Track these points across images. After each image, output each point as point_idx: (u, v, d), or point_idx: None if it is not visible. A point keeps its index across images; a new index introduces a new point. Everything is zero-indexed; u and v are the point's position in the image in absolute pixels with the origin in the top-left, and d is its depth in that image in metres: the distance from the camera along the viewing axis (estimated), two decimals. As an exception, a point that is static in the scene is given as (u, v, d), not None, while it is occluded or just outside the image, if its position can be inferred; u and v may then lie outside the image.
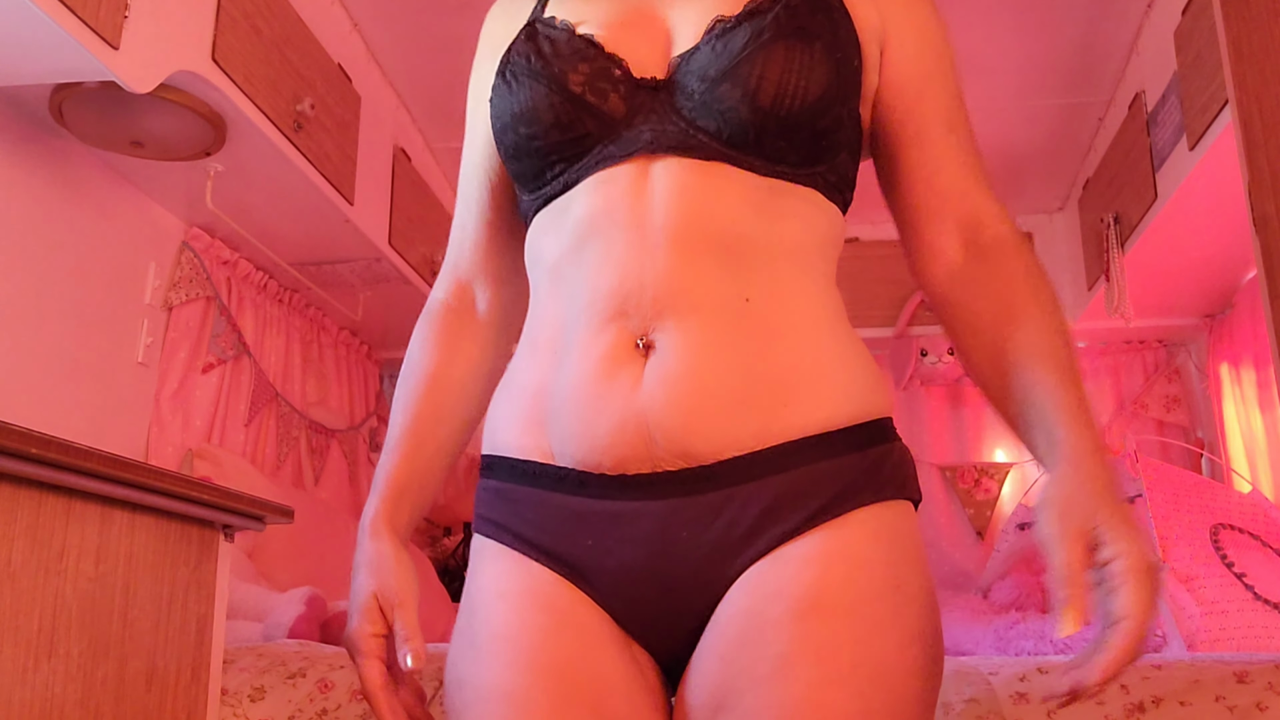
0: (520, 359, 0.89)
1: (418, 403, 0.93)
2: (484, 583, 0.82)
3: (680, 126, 0.81)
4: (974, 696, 1.33)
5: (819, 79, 0.80)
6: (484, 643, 0.78)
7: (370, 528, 0.87)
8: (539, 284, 0.89)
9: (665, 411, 0.76)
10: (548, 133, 0.83)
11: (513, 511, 0.83)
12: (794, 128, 0.80)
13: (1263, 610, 2.13)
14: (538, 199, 0.88)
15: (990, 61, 2.69)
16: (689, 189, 0.80)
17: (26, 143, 1.89)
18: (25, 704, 0.88)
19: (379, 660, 0.81)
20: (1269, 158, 1.28)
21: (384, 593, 0.83)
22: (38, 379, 1.90)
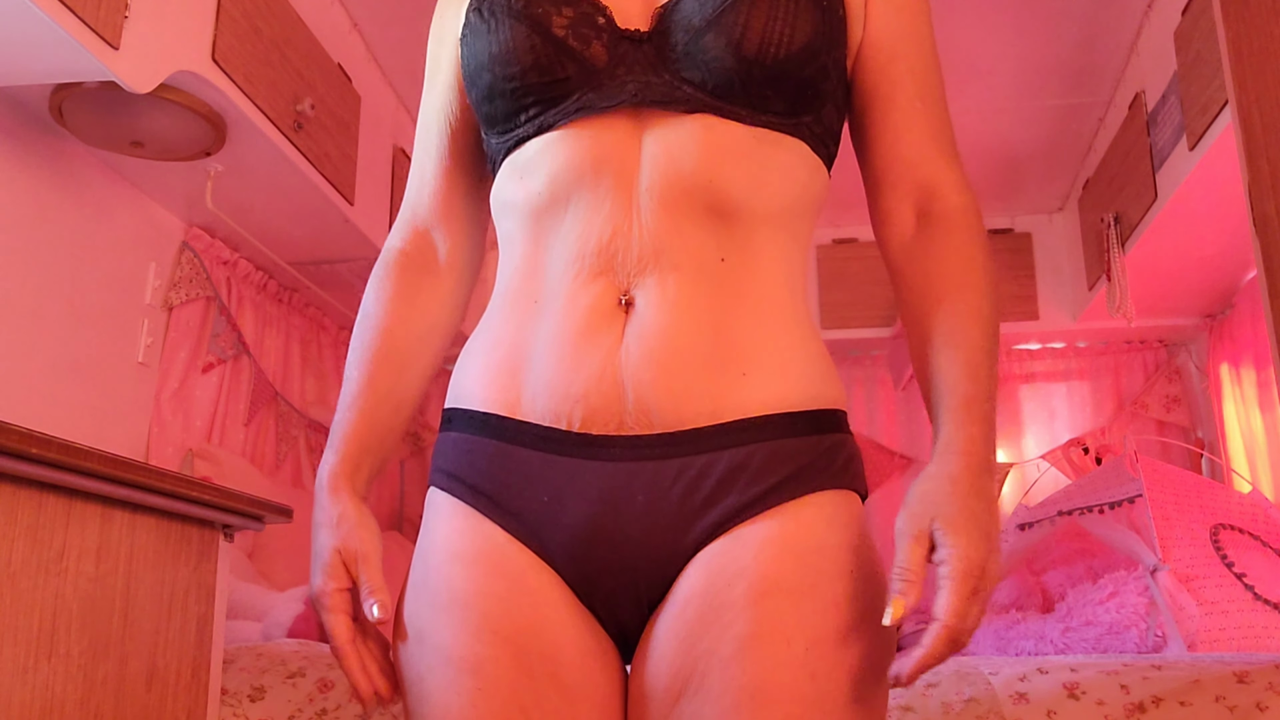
0: (495, 310, 0.87)
1: (376, 357, 0.90)
2: (439, 539, 0.81)
3: (665, 79, 0.80)
4: (974, 696, 1.33)
5: (804, 26, 0.79)
6: (444, 604, 0.78)
7: (330, 486, 0.85)
8: (512, 232, 0.86)
9: (640, 373, 0.76)
10: (525, 74, 0.81)
11: (470, 464, 0.82)
12: (780, 76, 0.79)
13: (1263, 610, 2.13)
14: (509, 140, 0.85)
15: (990, 61, 2.69)
16: (676, 145, 0.79)
17: (26, 143, 1.89)
18: (25, 704, 0.88)
19: (346, 615, 0.81)
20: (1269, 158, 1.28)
21: (347, 548, 0.82)
22: (38, 379, 1.90)
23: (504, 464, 0.80)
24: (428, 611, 0.79)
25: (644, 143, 0.80)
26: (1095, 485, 2.60)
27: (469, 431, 0.83)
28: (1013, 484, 3.48)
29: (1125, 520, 2.37)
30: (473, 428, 0.83)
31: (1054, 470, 3.43)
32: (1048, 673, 1.36)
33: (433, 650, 0.77)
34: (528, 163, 0.83)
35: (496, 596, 0.77)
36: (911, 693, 1.36)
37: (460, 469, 0.82)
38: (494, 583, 0.77)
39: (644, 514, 0.76)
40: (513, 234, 0.86)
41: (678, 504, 0.76)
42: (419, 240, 0.96)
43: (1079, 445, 3.47)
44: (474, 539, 0.79)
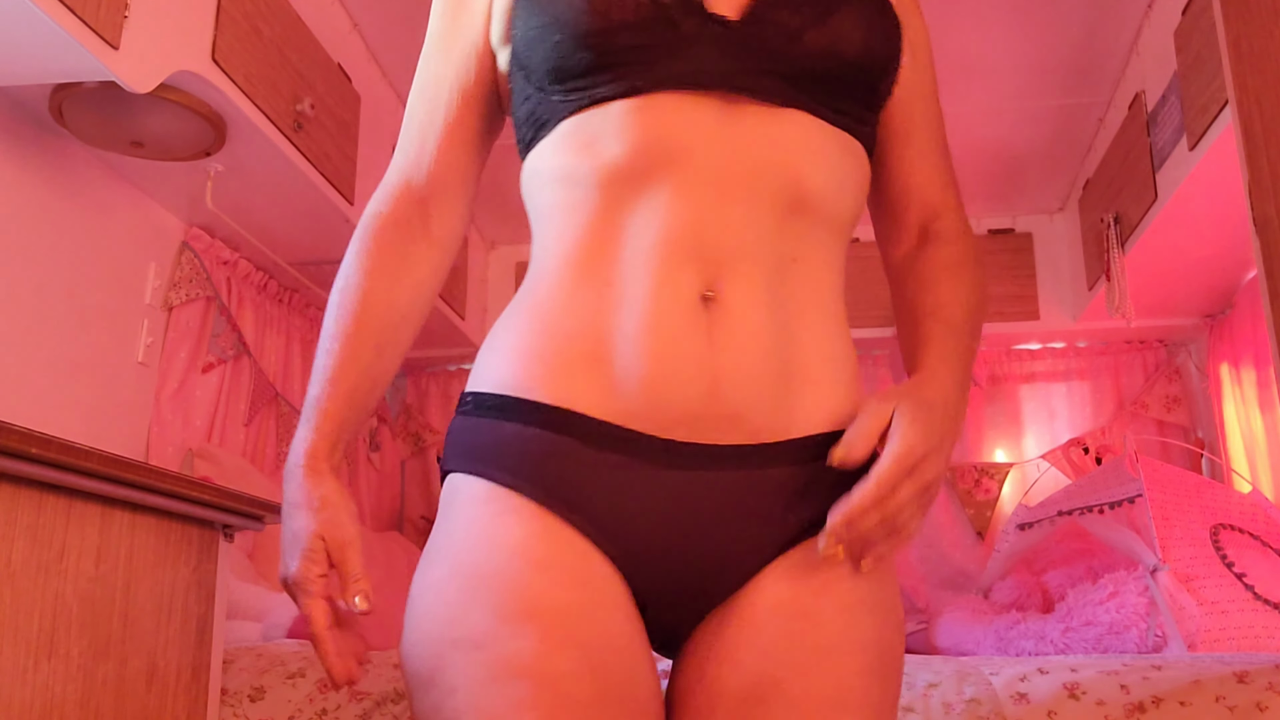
0: (553, 288, 0.80)
1: (360, 330, 0.85)
2: (506, 540, 0.74)
3: (755, 68, 0.79)
4: (974, 696, 1.33)
5: (891, 38, 0.85)
6: (515, 613, 0.71)
7: (308, 466, 0.81)
8: (572, 201, 0.81)
9: (729, 382, 0.76)
10: (620, 31, 0.77)
11: (540, 463, 0.76)
12: (868, 81, 0.84)
13: (1263, 610, 2.13)
14: (579, 99, 0.80)
15: (990, 61, 2.69)
16: (766, 138, 0.79)
17: (26, 143, 1.89)
18: (25, 704, 0.88)
19: (326, 600, 0.78)
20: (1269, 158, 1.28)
21: (330, 534, 0.78)
22: (38, 379, 1.90)
23: (581, 466, 0.75)
24: (488, 618, 0.71)
25: (734, 130, 0.78)
26: (1095, 485, 2.60)
27: (536, 425, 0.77)
28: (1013, 484, 3.48)
29: (1125, 520, 2.37)
30: (541, 422, 0.77)
31: (1054, 470, 3.43)
32: (1048, 673, 1.36)
33: (495, 660, 0.70)
34: (605, 127, 0.78)
35: (579, 608, 0.72)
36: (912, 693, 1.36)
37: (527, 466, 0.76)
38: (575, 594, 0.73)
39: (719, 525, 0.77)
40: (572, 203, 0.81)
41: (755, 517, 0.77)
42: (410, 208, 0.90)
43: (1079, 445, 3.47)
44: (552, 544, 0.74)
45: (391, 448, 3.61)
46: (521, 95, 0.85)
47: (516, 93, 0.86)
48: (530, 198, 0.86)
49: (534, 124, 0.84)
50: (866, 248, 4.12)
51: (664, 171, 0.77)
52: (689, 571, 0.77)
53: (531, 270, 0.84)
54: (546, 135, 0.82)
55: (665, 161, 0.77)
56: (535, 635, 0.70)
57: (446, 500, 0.81)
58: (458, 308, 3.30)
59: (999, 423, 3.58)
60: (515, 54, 0.84)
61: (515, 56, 0.85)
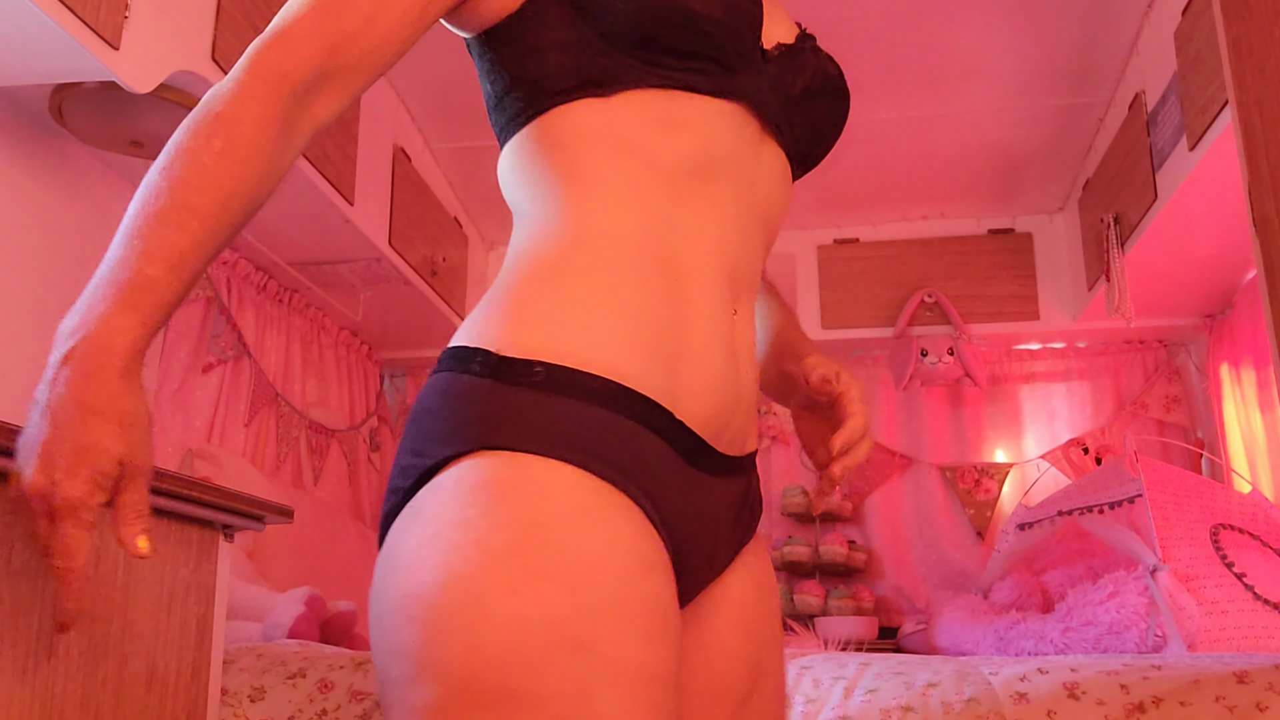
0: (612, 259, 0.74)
1: (224, 214, 0.71)
2: (619, 540, 0.67)
3: (781, 110, 0.84)
4: (974, 696, 1.33)
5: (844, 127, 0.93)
6: (633, 615, 0.64)
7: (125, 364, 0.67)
8: (646, 176, 0.76)
9: (748, 397, 0.82)
10: (726, 31, 0.77)
11: (634, 458, 0.71)
12: (818, 161, 0.92)
13: (1263, 610, 2.13)
14: (667, 78, 0.76)
15: (990, 62, 2.69)
16: (774, 174, 0.84)
17: (26, 143, 1.89)
18: (25, 704, 0.88)
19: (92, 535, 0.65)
20: (1269, 158, 1.28)
21: (132, 459, 0.66)
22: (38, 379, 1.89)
23: (666, 469, 0.73)
24: (600, 620, 0.63)
25: (759, 159, 0.82)
26: (1095, 485, 2.60)
27: (628, 416, 0.71)
28: (1013, 484, 3.48)
29: (1125, 520, 2.37)
30: (633, 413, 0.71)
31: (1054, 470, 3.43)
32: (1048, 673, 1.36)
33: (612, 664, 0.62)
34: (684, 115, 0.77)
35: (675, 609, 0.69)
36: (912, 693, 1.36)
37: (630, 463, 0.70)
38: (670, 594, 0.70)
39: (717, 526, 0.80)
40: (638, 181, 0.76)
41: (739, 521, 0.83)
42: (322, 76, 0.74)
43: (1079, 445, 3.47)
44: (651, 545, 0.69)
45: (392, 448, 3.60)
46: (562, 36, 0.77)
47: (549, 28, 0.78)
48: (575, 150, 0.77)
49: (583, 74, 0.77)
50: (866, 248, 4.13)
51: (719, 178, 0.78)
52: (699, 566, 0.80)
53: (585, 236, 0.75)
54: (608, 95, 0.76)
55: (723, 169, 0.79)
56: (657, 639, 0.65)
57: (509, 482, 0.67)
58: (457, 308, 3.30)
59: (999, 423, 3.58)
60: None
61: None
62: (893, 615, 3.39)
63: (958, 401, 3.60)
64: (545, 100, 0.78)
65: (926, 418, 3.58)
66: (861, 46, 2.61)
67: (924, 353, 3.36)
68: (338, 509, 2.99)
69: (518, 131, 0.81)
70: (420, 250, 2.92)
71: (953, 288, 3.45)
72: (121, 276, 0.68)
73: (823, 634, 3.06)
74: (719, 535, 0.80)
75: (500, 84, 0.82)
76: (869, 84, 2.76)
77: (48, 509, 0.65)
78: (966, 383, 3.40)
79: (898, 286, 3.47)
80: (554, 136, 0.78)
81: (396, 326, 3.30)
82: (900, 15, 2.51)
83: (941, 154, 3.15)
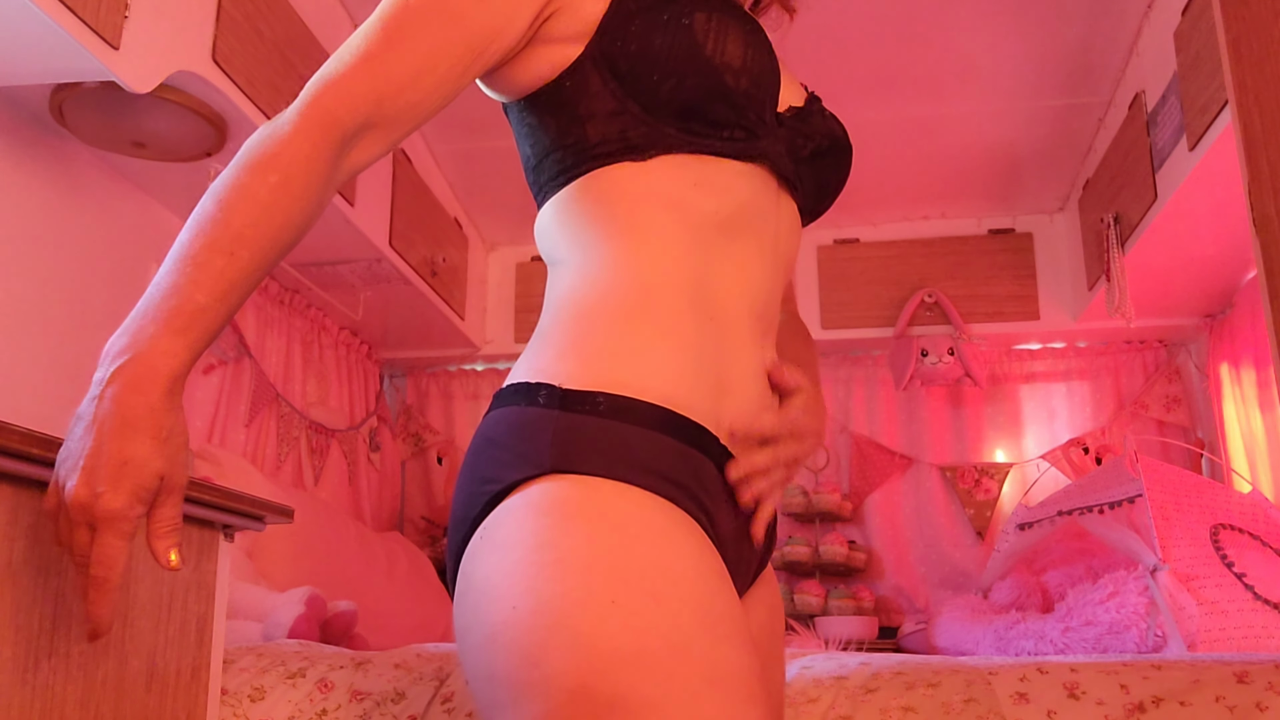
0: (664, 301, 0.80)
1: (271, 249, 0.74)
2: (691, 553, 0.72)
3: (794, 168, 0.90)
4: (974, 696, 1.33)
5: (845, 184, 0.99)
6: (721, 621, 0.69)
7: (168, 386, 0.68)
8: (685, 229, 0.82)
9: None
10: (756, 104, 0.85)
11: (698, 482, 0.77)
12: (822, 213, 0.98)
13: (1263, 610, 2.13)
14: (695, 145, 0.83)
15: (990, 62, 2.69)
16: (791, 234, 0.91)
17: (26, 143, 1.89)
18: (25, 704, 0.88)
19: (129, 545, 0.68)
20: (1269, 158, 1.28)
21: (171, 474, 0.69)
22: (38, 379, 1.90)
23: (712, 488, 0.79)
24: (689, 626, 0.67)
25: (778, 215, 0.89)
26: (1095, 485, 2.60)
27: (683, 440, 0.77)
28: (1013, 484, 3.48)
29: (1125, 520, 2.37)
30: (687, 437, 0.77)
31: (1054, 470, 3.43)
32: (1048, 673, 1.36)
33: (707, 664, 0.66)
34: (715, 176, 0.84)
35: (745, 617, 0.75)
36: (912, 693, 1.36)
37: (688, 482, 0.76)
38: (739, 605, 0.75)
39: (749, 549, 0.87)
40: (680, 234, 0.82)
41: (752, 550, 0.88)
42: (365, 124, 0.78)
43: (1079, 445, 3.47)
44: (714, 557, 0.75)
45: (391, 448, 3.61)
46: (607, 107, 0.83)
47: (593, 99, 0.83)
48: (614, 206, 0.83)
49: (624, 141, 0.83)
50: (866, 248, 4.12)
51: (746, 231, 0.86)
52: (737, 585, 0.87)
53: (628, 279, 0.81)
54: (642, 159, 0.83)
55: (749, 223, 0.86)
56: (738, 638, 0.69)
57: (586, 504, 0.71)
58: (457, 308, 3.30)
59: (999, 423, 3.58)
60: (612, 66, 0.82)
61: (612, 68, 0.82)
62: (893, 615, 3.39)
63: (958, 401, 3.60)
64: (586, 163, 0.84)
65: (926, 418, 3.58)
66: (861, 47, 2.61)
67: (924, 353, 3.36)
68: (338, 509, 2.99)
69: (558, 190, 0.87)
70: (420, 251, 2.92)
71: (953, 288, 3.45)
72: (172, 302, 0.70)
73: (823, 634, 3.06)
74: (747, 558, 0.86)
75: (541, 147, 0.88)
76: (869, 84, 2.76)
77: (89, 519, 0.67)
78: (966, 383, 3.40)
79: (898, 286, 3.47)
80: (597, 194, 0.84)
81: (396, 327, 3.30)
82: (900, 15, 2.51)
83: (941, 154, 3.15)
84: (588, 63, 0.83)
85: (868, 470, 3.54)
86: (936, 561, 3.44)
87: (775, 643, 0.92)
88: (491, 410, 0.81)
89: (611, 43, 0.83)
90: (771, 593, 0.93)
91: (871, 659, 1.49)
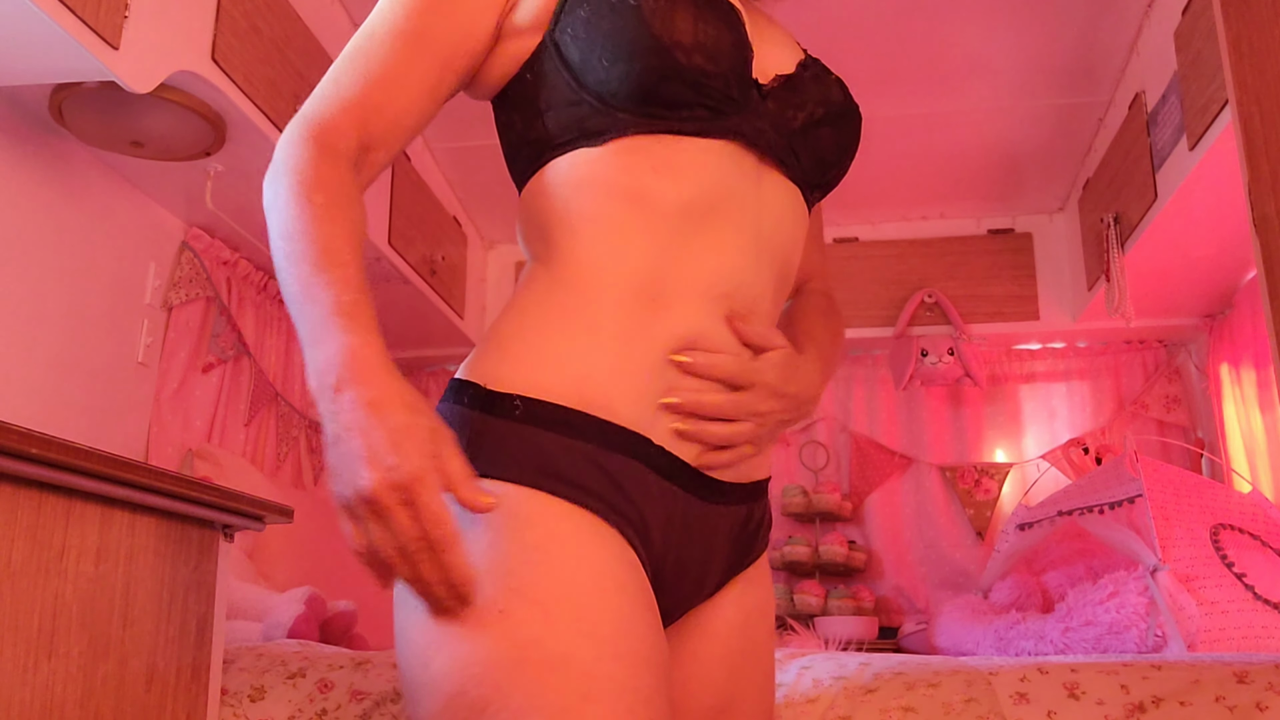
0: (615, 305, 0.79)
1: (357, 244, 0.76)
2: (594, 564, 0.72)
3: (783, 142, 0.86)
4: (974, 696, 1.33)
5: (856, 149, 0.95)
6: (607, 636, 0.70)
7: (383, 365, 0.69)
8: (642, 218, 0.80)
9: None
10: (713, 79, 0.80)
11: (613, 488, 0.75)
12: (834, 185, 0.94)
13: (1263, 610, 2.13)
14: (658, 125, 0.81)
15: (990, 61, 2.69)
16: (785, 211, 0.87)
17: (26, 143, 1.89)
18: (25, 704, 0.88)
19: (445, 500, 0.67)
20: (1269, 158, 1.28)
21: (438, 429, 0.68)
22: (38, 379, 1.90)
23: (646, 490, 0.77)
24: (579, 639, 0.69)
25: (761, 192, 0.85)
26: (1095, 485, 2.60)
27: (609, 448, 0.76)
28: (1013, 484, 3.48)
29: (1125, 520, 2.37)
30: (615, 444, 0.76)
31: (1054, 470, 3.43)
32: (1048, 673, 1.36)
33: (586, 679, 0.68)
34: (675, 157, 0.81)
35: (652, 631, 0.73)
36: (912, 693, 1.36)
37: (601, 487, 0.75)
38: (649, 617, 0.74)
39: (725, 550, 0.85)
40: (636, 223, 0.80)
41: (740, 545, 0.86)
42: (360, 147, 0.82)
43: (1079, 445, 3.46)
44: (624, 567, 0.74)
45: (391, 448, 3.60)
46: (563, 97, 0.83)
47: (551, 90, 0.83)
48: (568, 199, 0.83)
49: (581, 130, 0.82)
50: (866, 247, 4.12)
51: (717, 212, 0.82)
52: (688, 588, 0.84)
53: (576, 282, 0.80)
54: (599, 144, 0.81)
55: (721, 207, 0.82)
56: (627, 658, 0.69)
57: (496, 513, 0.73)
58: (457, 307, 3.30)
59: (999, 423, 3.58)
60: (563, 55, 0.82)
61: (564, 58, 0.82)
62: (893, 615, 3.39)
63: (958, 401, 3.60)
64: (546, 154, 0.84)
65: (926, 418, 3.58)
66: (861, 45, 2.61)
67: (924, 353, 3.36)
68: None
69: (524, 185, 0.87)
70: (419, 249, 2.92)
71: (953, 288, 3.45)
72: (327, 319, 0.70)
73: (823, 634, 3.06)
74: (712, 559, 0.84)
75: (511, 144, 0.89)
76: (868, 82, 2.76)
77: (400, 496, 0.65)
78: (966, 383, 3.39)
79: (897, 286, 3.47)
80: (550, 187, 0.84)
81: (395, 326, 3.30)
82: (899, 14, 2.51)
83: (941, 153, 3.15)
84: (545, 53, 0.84)
85: (868, 470, 3.54)
86: (936, 561, 3.44)
87: (749, 642, 0.88)
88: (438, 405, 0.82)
89: (564, 31, 0.82)
90: (753, 590, 0.89)
91: (871, 659, 1.48)
